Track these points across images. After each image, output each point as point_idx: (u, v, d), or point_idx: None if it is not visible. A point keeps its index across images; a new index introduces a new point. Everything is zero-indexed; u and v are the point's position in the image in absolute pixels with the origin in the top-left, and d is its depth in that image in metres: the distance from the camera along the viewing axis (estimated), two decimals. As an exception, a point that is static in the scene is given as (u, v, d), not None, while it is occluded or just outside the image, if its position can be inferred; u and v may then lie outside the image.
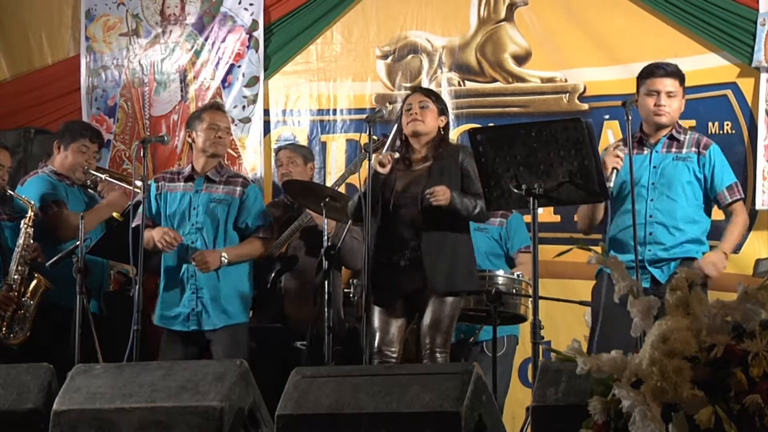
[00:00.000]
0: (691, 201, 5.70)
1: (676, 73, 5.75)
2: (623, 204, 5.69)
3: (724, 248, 5.69)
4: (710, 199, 5.73)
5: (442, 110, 5.83)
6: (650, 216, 5.67)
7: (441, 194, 5.54)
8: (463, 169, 5.68)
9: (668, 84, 5.71)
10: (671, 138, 5.77)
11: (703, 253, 5.70)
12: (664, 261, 5.64)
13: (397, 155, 5.67)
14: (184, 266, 6.06)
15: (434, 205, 5.54)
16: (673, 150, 5.74)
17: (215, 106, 6.44)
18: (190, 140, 6.22)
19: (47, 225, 6.50)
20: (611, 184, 5.57)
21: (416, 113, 5.74)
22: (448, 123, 5.87)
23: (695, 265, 5.52)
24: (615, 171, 5.60)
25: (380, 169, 5.62)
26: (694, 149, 5.73)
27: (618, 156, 5.62)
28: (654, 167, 5.72)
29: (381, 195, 5.63)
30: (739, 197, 5.74)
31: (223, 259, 6.01)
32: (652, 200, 5.68)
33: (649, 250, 5.65)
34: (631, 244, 5.57)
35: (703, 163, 5.71)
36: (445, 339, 5.60)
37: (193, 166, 6.20)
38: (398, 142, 5.86)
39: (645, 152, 5.77)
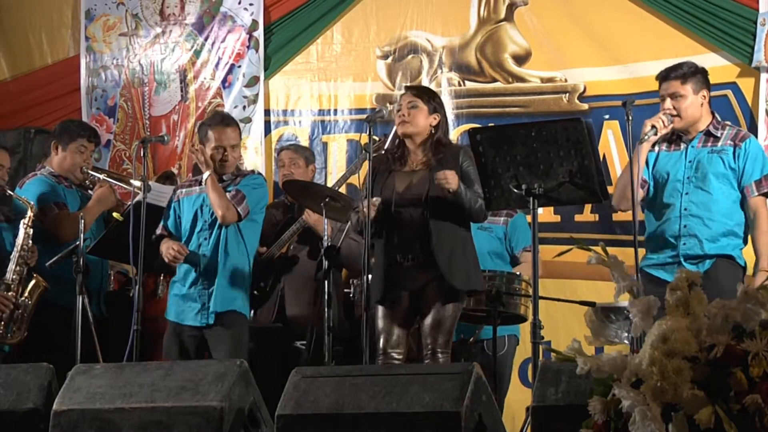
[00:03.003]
0: (727, 192, 5.69)
1: (680, 75, 5.74)
2: (660, 200, 5.73)
3: (765, 266, 5.65)
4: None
5: (435, 108, 5.76)
6: (685, 209, 5.68)
7: (451, 178, 5.53)
8: (463, 170, 5.66)
9: (671, 87, 5.72)
10: (708, 134, 5.77)
11: (740, 249, 5.70)
12: (700, 258, 5.64)
13: (377, 200, 5.58)
14: (196, 262, 6.08)
15: (444, 188, 5.51)
16: (710, 144, 5.75)
17: (223, 122, 6.27)
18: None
19: (48, 227, 6.49)
20: (645, 138, 5.58)
21: (404, 114, 5.72)
22: (442, 121, 5.78)
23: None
24: (653, 128, 5.60)
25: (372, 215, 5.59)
26: (730, 142, 5.72)
27: (661, 119, 5.62)
28: (689, 162, 5.73)
29: (381, 196, 5.62)
30: (766, 190, 5.70)
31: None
32: (687, 194, 5.70)
33: (684, 244, 5.66)
34: (670, 241, 5.66)
35: (738, 154, 5.70)
36: (447, 339, 5.60)
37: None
38: (396, 141, 5.86)
39: (681, 148, 5.79)
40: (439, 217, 5.60)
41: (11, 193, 6.46)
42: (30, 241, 6.27)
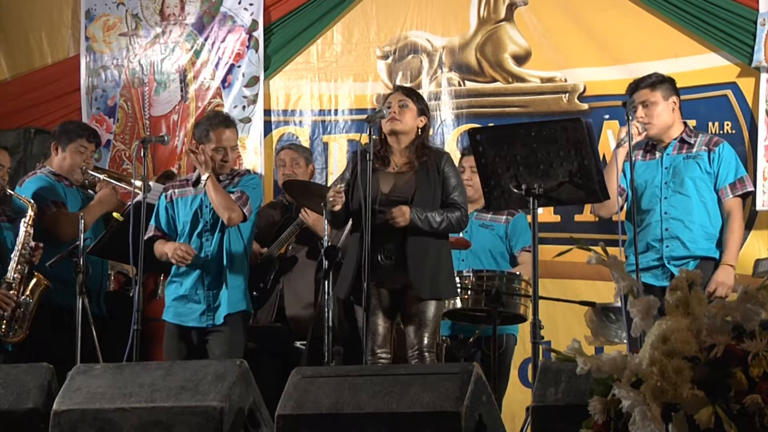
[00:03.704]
0: (705, 196, 5.85)
1: (649, 84, 5.92)
2: (639, 206, 5.83)
3: (728, 261, 5.78)
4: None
5: (422, 111, 5.79)
6: (665, 213, 5.84)
7: (400, 217, 5.53)
8: (443, 175, 5.67)
9: (641, 95, 5.89)
10: (682, 141, 5.93)
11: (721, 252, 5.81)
12: (684, 259, 5.75)
13: (342, 188, 5.63)
14: (199, 264, 6.08)
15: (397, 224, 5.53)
16: (684, 151, 5.91)
17: (224, 123, 6.27)
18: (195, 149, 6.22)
19: (47, 225, 6.49)
20: (621, 144, 5.72)
21: (395, 112, 5.73)
22: (427, 124, 5.82)
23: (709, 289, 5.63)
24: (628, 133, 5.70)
25: (335, 209, 5.59)
26: (704, 148, 5.91)
27: (636, 125, 5.77)
28: (666, 168, 5.90)
29: (363, 196, 5.60)
30: (740, 192, 5.86)
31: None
32: (666, 198, 5.85)
33: (667, 246, 5.80)
34: (652, 245, 5.81)
35: (713, 158, 5.86)
36: (433, 339, 5.61)
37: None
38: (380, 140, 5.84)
39: (657, 156, 5.95)
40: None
41: (11, 192, 6.46)
42: (31, 240, 6.28)
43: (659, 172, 5.90)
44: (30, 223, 6.29)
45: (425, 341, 5.57)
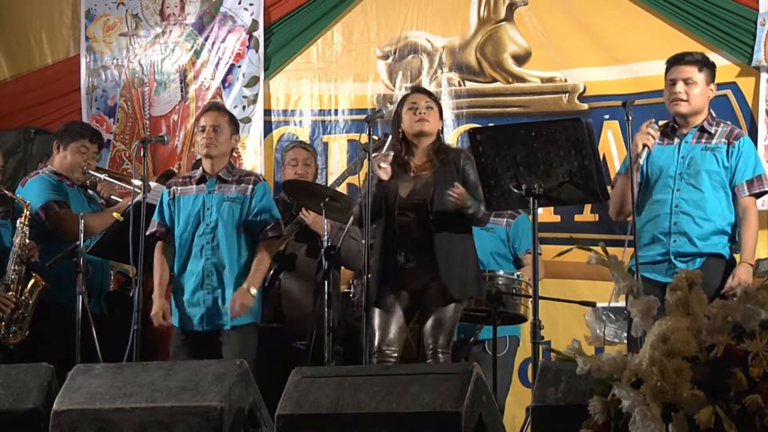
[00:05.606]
0: (718, 191, 5.64)
1: (696, 61, 5.71)
2: (650, 195, 5.69)
3: (747, 259, 5.60)
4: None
5: (440, 113, 5.86)
6: (676, 206, 5.64)
7: (460, 195, 5.55)
8: (464, 175, 5.68)
9: (685, 71, 5.67)
10: (702, 129, 5.71)
11: (730, 248, 5.67)
12: (690, 255, 5.61)
13: (391, 154, 5.65)
14: (199, 267, 6.03)
15: (452, 204, 5.54)
16: (703, 141, 5.69)
17: (207, 107, 6.37)
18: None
19: (50, 225, 6.49)
20: (641, 161, 5.57)
21: (424, 113, 5.74)
22: (443, 125, 5.91)
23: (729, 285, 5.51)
24: (645, 148, 5.58)
25: (384, 177, 5.59)
26: (724, 140, 5.66)
27: (649, 133, 5.60)
28: (682, 157, 5.67)
29: (384, 200, 5.62)
30: (758, 191, 5.67)
31: (252, 292, 5.95)
32: (678, 190, 5.64)
33: (675, 241, 5.62)
34: (659, 238, 5.63)
35: (732, 152, 5.64)
36: (448, 340, 5.61)
37: (203, 168, 6.18)
38: (395, 144, 5.83)
39: (675, 142, 5.73)
40: (443, 221, 5.61)
41: (6, 192, 6.45)
42: (27, 240, 6.27)
43: (675, 160, 5.67)
44: (25, 223, 6.28)
45: (440, 341, 5.57)
